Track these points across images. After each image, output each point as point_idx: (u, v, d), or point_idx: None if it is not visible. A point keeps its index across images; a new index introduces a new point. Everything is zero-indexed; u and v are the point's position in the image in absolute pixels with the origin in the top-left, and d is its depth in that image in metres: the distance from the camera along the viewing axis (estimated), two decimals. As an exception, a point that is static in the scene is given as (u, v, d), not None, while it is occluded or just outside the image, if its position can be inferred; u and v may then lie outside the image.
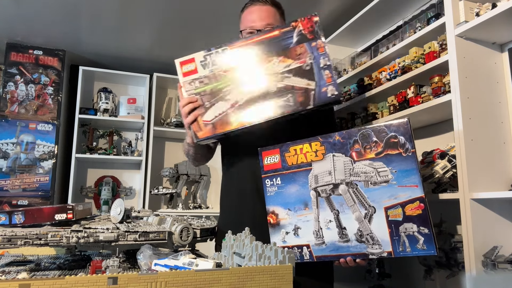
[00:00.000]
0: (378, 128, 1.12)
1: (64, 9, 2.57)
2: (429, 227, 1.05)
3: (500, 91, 1.52)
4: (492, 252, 1.30)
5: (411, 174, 1.07)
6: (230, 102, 1.21)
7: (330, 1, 2.43)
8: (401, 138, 1.09)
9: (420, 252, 1.06)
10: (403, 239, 1.07)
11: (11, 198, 2.90)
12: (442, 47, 1.61)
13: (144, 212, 1.30)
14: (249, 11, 1.43)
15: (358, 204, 1.12)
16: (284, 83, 1.19)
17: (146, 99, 3.38)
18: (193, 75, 1.25)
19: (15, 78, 3.03)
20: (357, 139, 1.14)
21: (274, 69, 1.20)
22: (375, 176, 1.11)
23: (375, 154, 1.12)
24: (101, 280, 0.67)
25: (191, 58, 1.25)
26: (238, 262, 0.97)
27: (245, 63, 1.22)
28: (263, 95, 1.20)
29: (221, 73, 1.23)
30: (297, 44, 1.19)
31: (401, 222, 1.07)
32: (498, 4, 1.37)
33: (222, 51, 1.23)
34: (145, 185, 3.17)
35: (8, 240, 0.93)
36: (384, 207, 1.09)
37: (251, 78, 1.21)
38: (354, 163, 1.14)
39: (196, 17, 2.67)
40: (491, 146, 1.45)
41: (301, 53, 1.19)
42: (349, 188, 1.14)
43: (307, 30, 1.19)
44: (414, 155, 1.07)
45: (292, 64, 1.19)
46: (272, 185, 1.25)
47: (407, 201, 1.07)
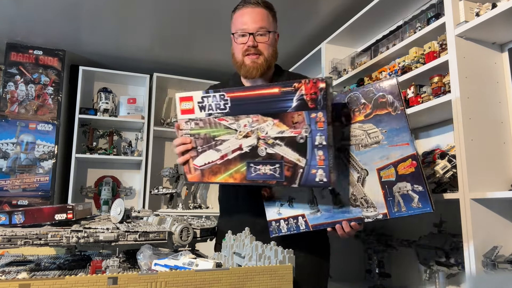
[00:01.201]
0: (365, 90, 1.10)
1: (64, 9, 2.57)
2: (423, 184, 1.02)
3: (500, 91, 1.52)
4: (492, 252, 1.30)
5: (401, 132, 1.05)
6: (220, 154, 1.16)
7: (330, 1, 2.43)
8: (389, 97, 1.07)
9: (416, 211, 1.04)
10: (397, 199, 1.05)
11: (11, 198, 2.90)
12: (442, 47, 1.61)
13: (144, 212, 1.30)
14: (240, 13, 1.39)
15: (350, 168, 1.11)
16: (275, 151, 1.08)
17: (146, 99, 3.38)
18: (190, 114, 1.20)
19: (15, 78, 3.03)
20: (345, 103, 1.12)
21: (267, 131, 1.09)
22: (366, 138, 1.09)
23: (364, 116, 1.10)
24: (101, 280, 0.67)
25: (189, 96, 1.20)
26: (238, 262, 0.97)
27: (240, 118, 1.13)
28: (251, 156, 1.12)
29: (216, 121, 1.16)
30: (295, 109, 1.04)
31: (394, 182, 1.06)
32: (498, 4, 1.37)
33: (220, 97, 1.14)
34: (145, 185, 3.17)
35: (8, 240, 0.93)
36: (376, 168, 1.08)
37: (243, 135, 1.13)
38: (344, 127, 1.12)
39: (196, 17, 2.67)
40: (491, 146, 1.45)
41: (298, 121, 1.04)
42: (340, 153, 1.13)
43: (309, 96, 1.02)
44: (403, 113, 1.05)
45: (286, 132, 1.07)
46: None
47: (399, 160, 1.05)
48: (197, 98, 1.18)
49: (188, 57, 3.35)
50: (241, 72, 1.42)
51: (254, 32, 1.35)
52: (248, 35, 1.36)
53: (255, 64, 1.37)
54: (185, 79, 3.44)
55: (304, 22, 2.68)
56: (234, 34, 1.41)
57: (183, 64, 3.48)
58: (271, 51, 1.39)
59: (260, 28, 1.35)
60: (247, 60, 1.38)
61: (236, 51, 1.43)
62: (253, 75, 1.39)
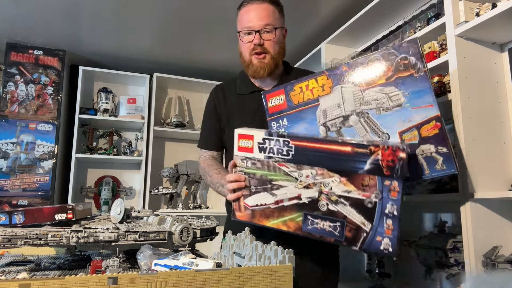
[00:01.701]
0: (387, 52, 1.06)
1: (64, 9, 2.57)
2: (447, 145, 0.99)
3: (500, 91, 1.52)
4: (492, 252, 1.30)
5: (424, 94, 1.01)
6: (275, 199, 1.10)
7: (330, 1, 2.43)
8: (411, 59, 1.03)
9: (439, 173, 1.01)
10: (421, 161, 1.02)
11: (11, 198, 2.89)
12: (442, 47, 1.61)
13: (144, 212, 1.30)
14: (246, 10, 1.35)
15: (371, 133, 1.08)
16: (337, 208, 1.02)
17: (146, 99, 3.38)
18: (248, 153, 1.14)
19: (15, 78, 3.03)
20: (365, 66, 1.08)
21: (332, 187, 1.03)
22: (387, 101, 1.06)
23: (385, 79, 1.06)
24: (101, 280, 0.67)
25: (250, 135, 1.14)
26: (238, 262, 0.97)
27: (303, 167, 1.06)
28: (309, 208, 1.06)
29: (275, 165, 1.10)
30: (367, 173, 0.97)
31: (417, 144, 1.02)
32: (498, 4, 1.37)
33: (283, 142, 1.07)
34: (145, 185, 3.17)
35: (8, 240, 0.93)
36: (399, 131, 1.04)
37: (304, 185, 1.07)
38: (364, 91, 1.08)
39: (196, 17, 2.67)
40: (491, 146, 1.45)
41: (368, 185, 0.98)
42: (360, 118, 1.09)
43: (386, 163, 0.95)
44: (426, 75, 1.01)
45: (353, 192, 1.00)
46: (279, 126, 1.21)
47: (423, 122, 1.02)
48: (257, 139, 1.12)
49: (188, 57, 3.35)
50: (249, 71, 1.39)
51: (260, 29, 1.32)
52: (254, 33, 1.32)
53: (262, 63, 1.34)
54: (185, 79, 3.44)
55: (304, 22, 2.68)
56: (240, 32, 1.37)
57: (183, 64, 3.48)
58: (278, 49, 1.36)
59: (266, 25, 1.32)
60: (254, 60, 1.35)
61: (243, 50, 1.39)
62: (260, 75, 1.36)
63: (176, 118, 3.42)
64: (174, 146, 3.59)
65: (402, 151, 0.93)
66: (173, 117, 3.44)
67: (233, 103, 1.46)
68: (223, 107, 1.47)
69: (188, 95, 3.69)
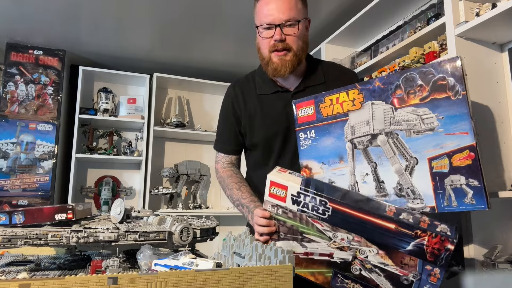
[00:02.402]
0: (424, 70, 0.99)
1: (64, 9, 2.57)
2: (480, 179, 0.92)
3: (500, 91, 1.52)
4: (492, 252, 1.30)
5: (461, 119, 0.94)
6: (305, 250, 1.06)
7: (330, 1, 2.43)
8: (450, 80, 0.96)
9: (468, 207, 0.94)
10: (448, 192, 0.96)
11: (11, 198, 2.90)
12: (442, 47, 1.61)
13: (144, 212, 1.30)
14: (265, 1, 1.21)
15: (399, 156, 1.02)
16: (371, 276, 0.99)
17: (146, 99, 3.38)
18: (280, 201, 1.08)
19: (15, 78, 3.03)
20: (399, 83, 1.02)
21: (368, 256, 0.99)
22: (419, 123, 0.99)
23: (419, 100, 0.99)
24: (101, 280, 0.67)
25: (284, 185, 1.07)
26: (238, 262, 0.97)
27: (339, 229, 1.01)
28: (340, 268, 1.03)
29: (308, 219, 1.05)
30: (409, 254, 0.94)
31: (447, 174, 0.96)
32: (498, 4, 1.37)
33: (320, 202, 1.02)
34: (145, 185, 3.17)
35: (8, 240, 0.93)
36: (428, 157, 0.98)
37: (338, 247, 1.02)
38: (395, 110, 1.02)
39: (196, 17, 2.67)
40: (491, 146, 1.45)
41: (407, 264, 0.94)
42: (389, 138, 1.03)
43: (431, 250, 0.91)
44: (464, 98, 0.94)
45: (391, 267, 0.96)
46: (306, 138, 1.16)
47: (455, 150, 0.95)
48: (292, 190, 1.06)
49: (188, 57, 3.35)
50: (268, 70, 1.27)
51: (281, 23, 1.19)
52: (275, 27, 1.20)
53: (283, 61, 1.22)
54: (185, 79, 3.44)
55: (304, 22, 2.68)
56: (259, 27, 1.24)
57: (183, 64, 3.48)
58: (301, 44, 1.24)
59: (288, 19, 1.19)
60: (275, 57, 1.23)
61: (262, 46, 1.26)
62: (281, 73, 1.24)
63: (176, 118, 3.42)
64: (174, 146, 3.59)
65: (451, 243, 0.88)
66: (173, 117, 3.44)
67: (254, 105, 1.34)
68: (243, 109, 1.36)
69: (188, 95, 3.69)
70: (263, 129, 1.32)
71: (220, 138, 1.45)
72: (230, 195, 1.36)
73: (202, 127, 3.51)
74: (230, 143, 1.43)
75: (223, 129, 1.44)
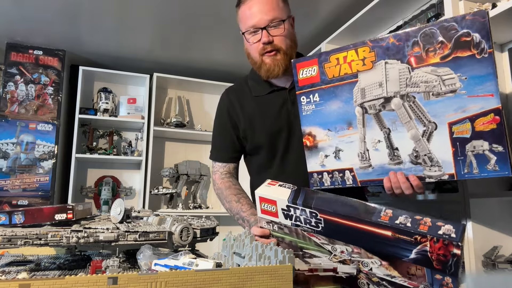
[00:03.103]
0: (445, 25, 0.89)
1: (64, 9, 2.57)
2: (505, 144, 0.86)
3: (500, 91, 1.52)
4: (492, 252, 1.30)
5: (486, 80, 0.87)
6: (309, 267, 0.98)
7: (330, 1, 2.43)
8: (475, 36, 0.86)
9: (490, 174, 0.88)
10: (469, 159, 0.89)
11: (11, 198, 2.90)
12: (442, 47, 1.61)
13: (144, 212, 1.30)
14: (246, 6, 1.22)
15: (415, 120, 0.94)
16: None
17: (146, 99, 3.38)
18: (272, 217, 1.00)
19: (15, 78, 3.03)
20: (417, 40, 0.92)
21: (372, 268, 0.90)
22: (439, 85, 0.90)
23: (440, 58, 0.90)
24: (101, 280, 0.67)
25: (273, 200, 0.99)
26: (238, 262, 0.97)
27: (336, 242, 0.93)
28: (348, 283, 0.94)
29: (305, 234, 0.97)
30: (413, 262, 0.83)
31: (468, 139, 0.89)
32: (498, 4, 1.37)
33: (311, 213, 0.93)
34: (145, 185, 3.17)
35: (8, 240, 0.93)
36: (448, 122, 0.90)
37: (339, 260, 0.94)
38: (413, 70, 0.93)
39: (196, 17, 2.67)
40: (491, 146, 1.45)
41: (415, 274, 0.85)
42: (405, 101, 0.94)
43: (436, 256, 0.80)
44: (491, 57, 0.86)
45: (398, 278, 0.86)
46: (309, 102, 1.06)
47: (479, 114, 0.87)
48: (281, 205, 0.97)
49: (188, 57, 3.35)
50: (262, 73, 1.26)
51: (266, 25, 1.18)
52: (261, 30, 1.19)
53: (275, 61, 1.21)
54: (185, 79, 3.44)
55: (304, 22, 2.68)
56: (245, 33, 1.24)
57: (183, 64, 3.48)
58: (289, 43, 1.23)
59: (272, 20, 1.19)
60: (266, 59, 1.22)
61: (251, 51, 1.26)
62: (275, 73, 1.23)
63: (176, 118, 3.42)
64: (174, 146, 3.59)
65: (456, 246, 0.76)
66: (173, 117, 3.44)
67: (251, 107, 1.33)
68: (240, 113, 1.34)
69: (188, 95, 3.69)
70: (265, 129, 1.29)
71: (216, 147, 1.42)
72: (229, 208, 1.32)
73: (202, 127, 3.51)
74: (227, 150, 1.39)
75: (219, 138, 1.41)
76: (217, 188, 1.39)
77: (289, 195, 0.97)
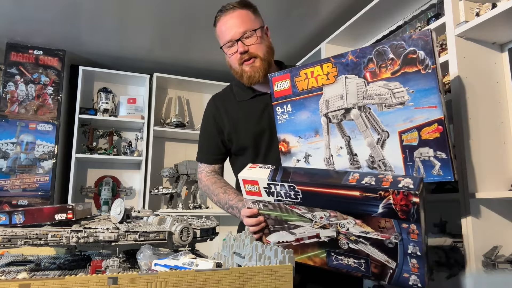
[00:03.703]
0: (395, 44, 0.99)
1: (64, 9, 2.57)
2: (447, 151, 0.95)
3: (500, 91, 1.52)
4: (492, 252, 1.30)
5: (430, 93, 0.95)
6: (295, 237, 1.09)
7: (330, 1, 2.43)
8: (420, 53, 0.96)
9: (435, 178, 0.97)
10: (417, 164, 0.98)
11: (11, 198, 2.90)
12: (442, 47, 1.61)
13: (144, 212, 1.30)
14: (222, 22, 1.34)
15: (371, 129, 1.04)
16: (358, 247, 1.00)
17: (146, 99, 3.38)
18: (257, 196, 1.11)
19: (15, 78, 3.03)
20: (371, 57, 1.02)
21: (348, 228, 1.00)
22: (390, 97, 1.00)
23: (391, 73, 1.00)
24: (101, 280, 0.67)
25: (254, 180, 1.09)
26: (238, 262, 0.97)
27: (315, 209, 1.03)
28: (331, 246, 1.05)
29: (287, 207, 1.07)
30: (382, 216, 0.93)
31: (416, 146, 0.98)
32: (498, 4, 1.37)
33: (289, 187, 1.04)
34: (145, 185, 3.17)
35: (8, 240, 0.93)
36: (399, 131, 1.00)
37: (320, 226, 1.04)
38: (368, 84, 1.03)
39: (196, 17, 2.68)
40: (491, 146, 1.45)
41: (385, 227, 0.94)
42: (362, 112, 1.05)
43: (399, 207, 0.89)
44: (434, 72, 0.95)
45: (372, 233, 0.97)
46: (283, 112, 1.19)
47: (424, 124, 0.97)
48: (262, 184, 1.08)
49: (188, 57, 3.35)
50: (244, 80, 1.36)
51: (241, 37, 1.30)
52: (236, 42, 1.31)
53: (254, 68, 1.32)
54: (185, 79, 3.44)
55: (304, 22, 2.68)
56: (223, 47, 1.36)
57: (183, 64, 3.48)
58: (265, 48, 1.34)
59: (245, 31, 1.31)
60: (246, 67, 1.33)
61: (232, 62, 1.37)
62: (256, 79, 1.33)
63: (176, 118, 3.42)
64: (174, 146, 3.59)
65: (414, 195, 0.87)
66: (173, 117, 3.44)
67: (235, 111, 1.43)
68: (225, 118, 1.44)
69: (188, 95, 3.69)
70: (249, 131, 1.38)
71: (203, 150, 1.52)
72: (217, 201, 1.40)
73: (202, 126, 3.51)
74: (213, 152, 1.49)
75: (204, 141, 1.51)
76: (204, 185, 1.47)
77: (268, 174, 1.08)
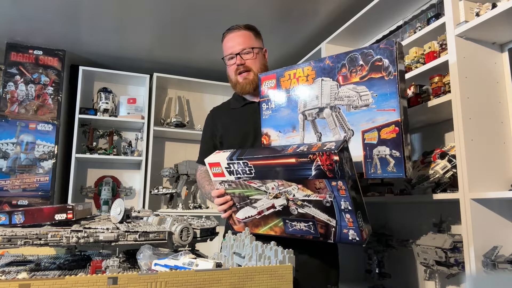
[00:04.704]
0: (365, 51, 1.12)
1: (64, 9, 2.57)
2: (401, 150, 1.06)
3: (500, 91, 1.52)
4: (492, 252, 1.30)
5: (390, 98, 1.07)
6: (257, 210, 1.20)
7: (330, 1, 2.43)
8: (385, 61, 1.08)
9: (389, 175, 1.08)
10: (375, 161, 1.09)
11: (11, 198, 2.89)
12: (442, 47, 1.61)
13: (144, 212, 1.30)
14: (227, 39, 1.58)
15: (339, 127, 1.16)
16: (305, 211, 1.11)
17: (146, 99, 3.38)
18: (221, 177, 1.23)
19: (15, 78, 3.03)
20: (345, 62, 1.15)
21: (294, 194, 1.11)
22: (357, 100, 1.12)
23: (359, 78, 1.13)
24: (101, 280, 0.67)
25: (217, 162, 1.20)
26: (238, 262, 0.97)
27: (266, 181, 1.14)
28: (285, 214, 1.15)
29: (245, 183, 1.18)
30: (315, 177, 1.04)
31: (375, 145, 1.09)
32: (498, 4, 1.37)
33: (243, 164, 1.14)
34: (145, 185, 3.17)
35: (8, 240, 0.93)
36: (362, 130, 1.12)
37: (273, 196, 1.15)
38: (340, 87, 1.16)
39: (196, 17, 2.67)
40: (491, 146, 1.45)
41: (320, 188, 1.05)
42: (333, 111, 1.17)
43: (326, 167, 1.00)
44: (395, 79, 1.07)
45: (312, 196, 1.08)
46: (268, 108, 1.33)
47: (384, 125, 1.08)
48: (223, 164, 1.19)
49: (188, 57, 3.35)
50: (237, 90, 1.58)
51: (240, 52, 1.52)
52: (235, 55, 1.53)
53: (247, 80, 1.53)
54: (185, 79, 3.44)
55: (304, 22, 2.68)
56: (224, 58, 1.59)
57: (183, 64, 3.48)
58: (259, 66, 1.55)
59: (244, 48, 1.53)
60: (240, 78, 1.54)
61: (229, 72, 1.59)
62: (247, 90, 1.54)
63: (176, 118, 3.42)
64: (174, 146, 3.59)
65: (334, 154, 0.96)
66: (173, 117, 3.44)
67: (228, 117, 1.64)
68: (218, 123, 1.64)
69: (188, 95, 3.69)
70: (236, 132, 1.57)
71: (201, 153, 1.70)
72: (205, 193, 1.57)
73: (202, 127, 3.51)
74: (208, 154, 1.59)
75: (202, 145, 1.72)
76: (198, 182, 1.67)
77: (228, 155, 1.18)
